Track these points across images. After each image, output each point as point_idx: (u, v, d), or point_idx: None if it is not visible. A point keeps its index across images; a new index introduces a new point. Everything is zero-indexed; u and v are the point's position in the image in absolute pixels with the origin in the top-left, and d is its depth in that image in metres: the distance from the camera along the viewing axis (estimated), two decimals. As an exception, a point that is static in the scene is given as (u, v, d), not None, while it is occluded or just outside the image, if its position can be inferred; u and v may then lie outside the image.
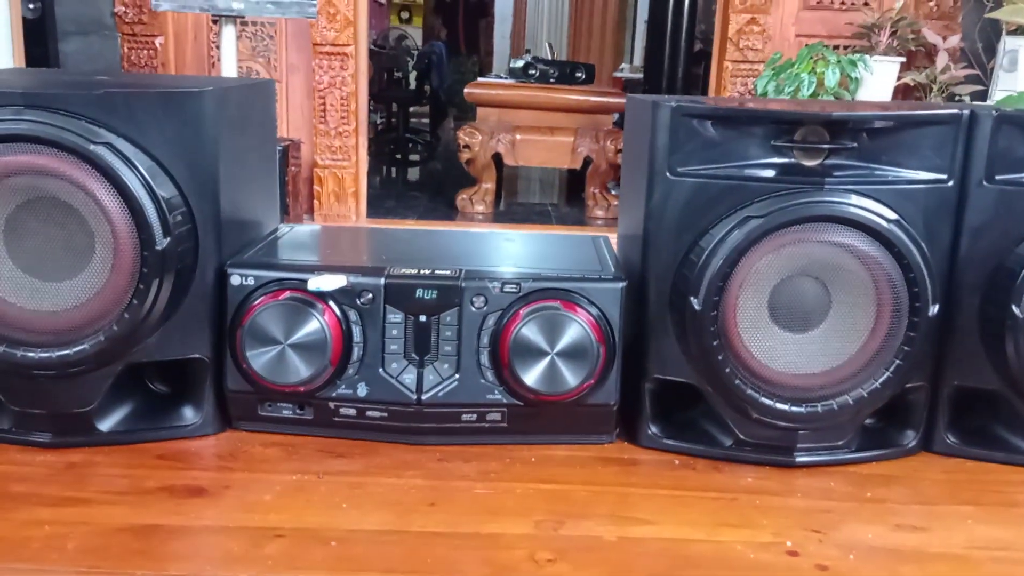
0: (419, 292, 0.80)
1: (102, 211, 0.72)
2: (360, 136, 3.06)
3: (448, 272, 0.81)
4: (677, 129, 0.77)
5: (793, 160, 0.77)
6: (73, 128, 0.72)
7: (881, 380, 0.78)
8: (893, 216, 0.75)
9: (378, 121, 6.16)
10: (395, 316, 0.80)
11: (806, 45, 2.86)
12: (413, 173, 5.41)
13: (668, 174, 0.78)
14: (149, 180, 0.73)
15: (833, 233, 0.75)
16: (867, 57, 2.77)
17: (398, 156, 5.70)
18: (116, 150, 0.73)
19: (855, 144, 0.77)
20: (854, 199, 0.75)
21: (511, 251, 0.96)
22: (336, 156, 3.02)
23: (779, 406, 0.78)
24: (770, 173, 0.77)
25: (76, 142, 0.71)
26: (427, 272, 0.81)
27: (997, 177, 0.77)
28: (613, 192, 3.63)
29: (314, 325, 0.77)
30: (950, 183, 0.78)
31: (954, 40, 2.82)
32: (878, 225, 0.75)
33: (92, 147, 0.71)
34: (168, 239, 0.74)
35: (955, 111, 0.77)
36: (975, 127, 0.78)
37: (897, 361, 0.77)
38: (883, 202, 0.76)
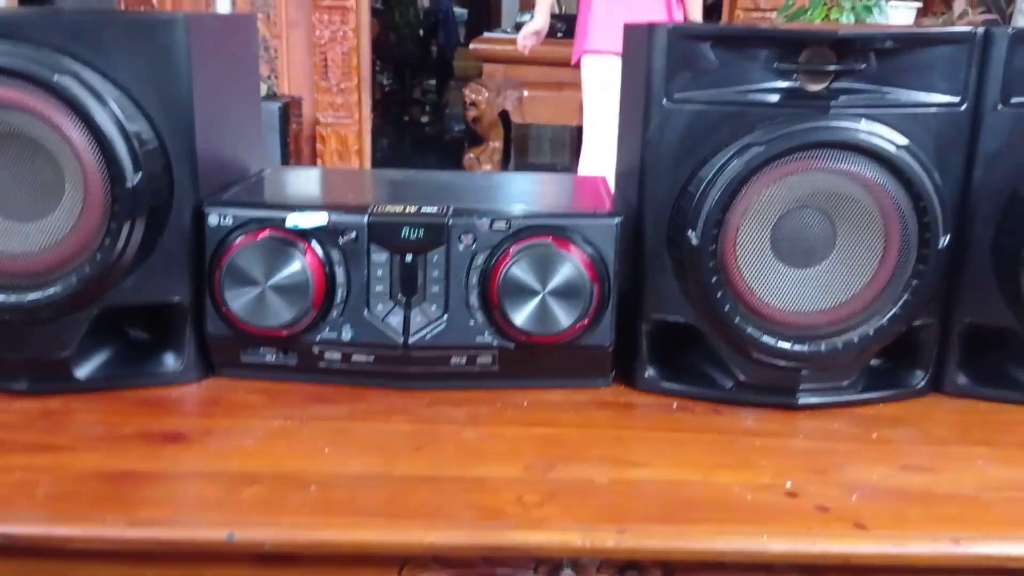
0: (404, 231, 0.76)
1: (69, 146, 0.69)
2: (363, 93, 3.01)
3: (434, 209, 0.77)
4: (675, 52, 0.73)
5: (798, 84, 0.73)
6: (36, 57, 0.68)
7: (888, 316, 0.74)
8: (903, 141, 0.71)
9: (385, 83, 6.08)
10: (380, 256, 0.77)
11: (819, -8, 2.77)
12: (421, 134, 5.35)
13: (665, 100, 0.74)
14: (118, 113, 0.70)
15: (839, 160, 0.71)
16: (883, 2, 2.69)
17: (405, 118, 5.64)
18: (83, 81, 0.69)
19: (863, 66, 0.72)
20: (862, 124, 0.71)
21: (502, 190, 0.92)
22: (339, 113, 2.97)
23: (781, 345, 0.74)
24: (773, 98, 0.73)
25: (39, 72, 0.68)
26: (412, 210, 0.77)
27: (1013, 100, 0.73)
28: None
29: (295, 266, 0.74)
30: (963, 107, 0.73)
31: (972, -16, 2.74)
32: (886, 151, 0.70)
33: (57, 78, 0.68)
34: (140, 175, 0.70)
35: (968, 30, 0.73)
36: (990, 47, 0.73)
37: (905, 296, 0.74)
38: (892, 126, 0.71)
